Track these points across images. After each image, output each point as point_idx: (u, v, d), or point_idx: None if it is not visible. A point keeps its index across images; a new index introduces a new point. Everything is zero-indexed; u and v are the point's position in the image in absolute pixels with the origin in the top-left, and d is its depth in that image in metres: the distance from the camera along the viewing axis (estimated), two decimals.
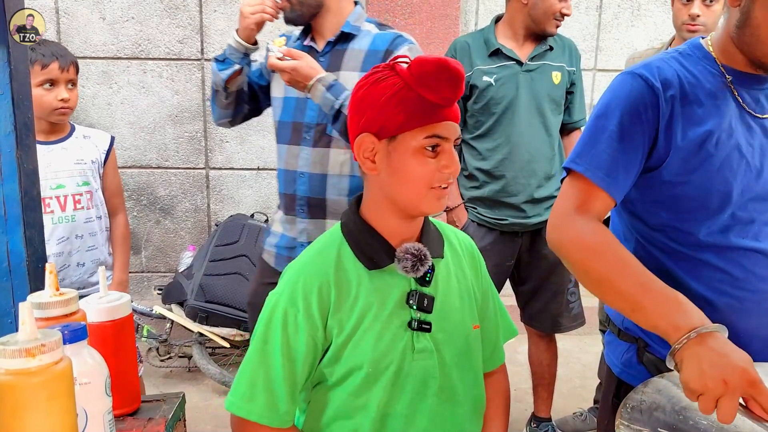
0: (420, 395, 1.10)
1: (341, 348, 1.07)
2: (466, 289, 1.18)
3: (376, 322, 1.06)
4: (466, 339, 1.15)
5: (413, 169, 1.03)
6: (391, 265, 1.08)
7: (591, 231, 1.09)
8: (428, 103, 1.01)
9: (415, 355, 1.09)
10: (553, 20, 2.19)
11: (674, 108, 1.12)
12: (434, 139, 1.02)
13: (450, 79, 1.00)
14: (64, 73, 1.93)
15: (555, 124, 2.27)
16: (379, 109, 1.03)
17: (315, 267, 1.08)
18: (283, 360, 1.04)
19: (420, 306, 1.08)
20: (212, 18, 3.46)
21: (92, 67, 3.44)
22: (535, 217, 2.26)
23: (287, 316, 1.05)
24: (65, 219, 2.00)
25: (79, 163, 2.05)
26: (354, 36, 1.80)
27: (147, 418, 1.08)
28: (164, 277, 3.62)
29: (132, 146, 3.53)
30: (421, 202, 1.05)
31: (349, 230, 1.11)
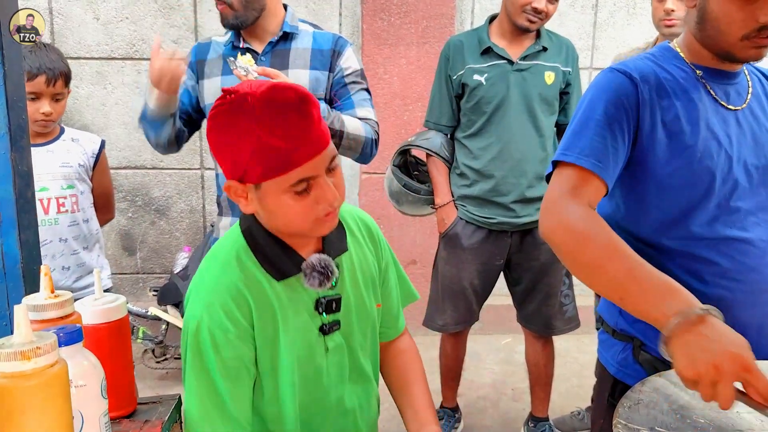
0: (339, 384, 1.15)
1: (267, 360, 1.06)
2: (369, 275, 1.18)
3: (295, 332, 1.07)
4: (370, 320, 1.19)
5: (288, 212, 0.99)
6: (298, 275, 1.07)
7: (581, 216, 1.09)
8: (283, 149, 0.94)
9: (329, 354, 1.12)
10: (523, 14, 2.16)
11: (653, 99, 1.15)
12: (302, 184, 0.97)
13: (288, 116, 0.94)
14: (50, 87, 1.91)
15: (547, 125, 2.27)
16: (233, 159, 0.98)
17: (224, 282, 1.04)
18: (224, 381, 1.03)
19: (328, 311, 1.10)
20: (206, 18, 3.45)
21: (86, 68, 3.43)
22: (525, 217, 2.26)
23: (214, 337, 1.02)
24: (48, 222, 1.98)
25: (64, 166, 2.03)
26: (294, 35, 1.82)
27: (143, 420, 1.08)
28: (159, 279, 3.60)
29: (126, 147, 3.52)
30: (309, 231, 1.04)
31: (253, 240, 1.07)
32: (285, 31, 1.81)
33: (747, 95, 1.22)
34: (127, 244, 3.63)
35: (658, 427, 0.93)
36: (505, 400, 2.95)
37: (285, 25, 1.82)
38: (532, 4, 2.13)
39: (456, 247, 2.34)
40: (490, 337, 3.55)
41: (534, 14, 2.15)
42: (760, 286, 1.15)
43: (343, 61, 1.85)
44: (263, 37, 1.81)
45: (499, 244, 2.32)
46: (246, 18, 1.75)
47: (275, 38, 1.80)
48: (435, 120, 2.37)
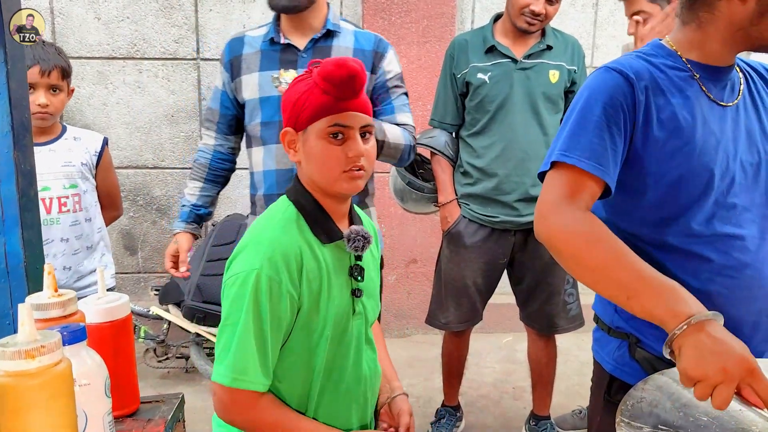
0: (358, 348, 1.26)
1: (309, 313, 1.16)
2: (373, 259, 1.36)
3: (333, 290, 1.20)
4: (376, 299, 1.36)
5: (321, 154, 1.17)
6: (337, 242, 1.21)
7: (581, 220, 1.09)
8: (331, 97, 1.15)
9: (355, 317, 1.25)
10: (522, 16, 2.17)
11: (648, 98, 1.15)
12: (336, 128, 1.16)
13: (345, 76, 1.13)
14: (44, 78, 1.91)
15: (552, 123, 2.27)
16: (293, 105, 1.19)
17: (287, 238, 1.17)
18: (272, 331, 1.12)
19: (358, 278, 1.25)
20: (208, 17, 3.45)
21: (87, 68, 3.43)
22: (528, 216, 2.26)
23: (271, 285, 1.11)
24: (50, 221, 1.97)
25: (66, 166, 2.03)
26: (336, 33, 1.80)
27: (146, 419, 1.08)
28: (161, 278, 3.61)
29: (128, 146, 3.52)
30: (335, 183, 1.18)
31: (303, 207, 1.22)
32: (328, 28, 1.78)
33: (739, 91, 1.22)
34: (128, 244, 3.63)
35: (661, 425, 0.93)
36: (506, 399, 2.95)
37: (328, 22, 1.79)
38: (530, 7, 2.14)
39: (459, 246, 2.34)
40: (491, 335, 3.55)
41: (533, 17, 2.16)
42: (754, 283, 1.16)
43: (386, 63, 1.85)
44: (305, 33, 1.79)
45: (503, 242, 2.32)
46: (301, 3, 1.74)
47: (318, 35, 1.77)
48: (439, 118, 2.38)
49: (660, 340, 1.08)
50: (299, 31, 1.79)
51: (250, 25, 3.46)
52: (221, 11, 3.45)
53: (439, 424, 2.60)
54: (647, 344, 1.20)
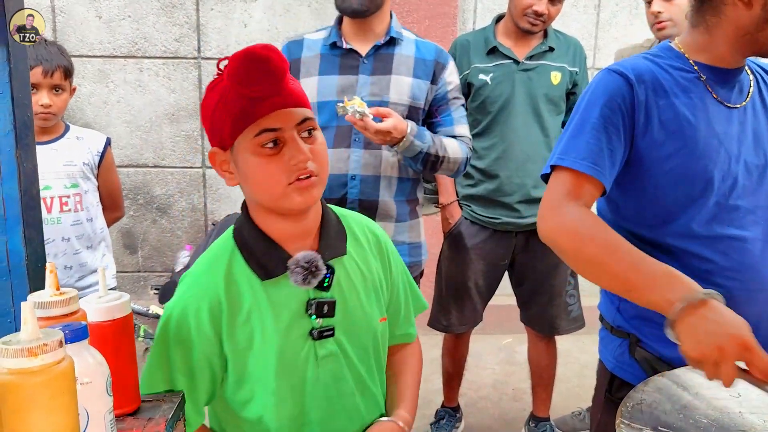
0: (334, 399, 1.09)
1: (241, 365, 1.05)
2: (371, 283, 1.14)
3: (274, 336, 1.03)
4: (372, 334, 1.13)
5: (257, 173, 0.97)
6: (286, 274, 1.04)
7: (579, 216, 1.12)
8: (247, 99, 0.94)
9: (320, 361, 1.07)
10: (525, 17, 2.17)
11: (649, 99, 1.16)
12: (265, 135, 0.95)
13: (260, 68, 0.93)
14: (47, 78, 1.90)
15: (553, 125, 2.27)
16: (210, 120, 0.99)
17: (204, 283, 1.05)
18: (180, 376, 1.04)
19: (320, 314, 1.05)
20: (209, 16, 3.45)
21: (88, 66, 3.42)
22: (530, 218, 2.26)
23: (180, 331, 1.03)
24: (51, 221, 1.97)
25: (68, 165, 2.02)
26: (399, 41, 1.78)
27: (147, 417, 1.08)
28: (161, 277, 3.61)
29: (128, 145, 3.52)
30: (282, 200, 0.99)
31: (242, 238, 1.06)
32: (392, 35, 1.77)
33: (748, 93, 1.22)
34: (128, 243, 3.63)
35: (661, 427, 0.93)
36: (506, 400, 2.95)
37: (392, 29, 1.78)
38: (533, 8, 2.14)
39: (460, 247, 2.34)
40: (491, 337, 3.55)
41: (535, 17, 2.16)
42: (757, 285, 1.16)
43: (447, 74, 1.83)
44: (368, 39, 1.77)
45: (504, 244, 2.32)
46: (370, 8, 1.71)
47: (381, 41, 1.76)
48: None
49: (659, 339, 1.11)
50: (362, 37, 1.78)
51: (252, 25, 3.49)
52: (222, 10, 3.45)
53: (438, 425, 2.60)
54: (647, 344, 1.22)
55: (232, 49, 3.47)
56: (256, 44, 0.95)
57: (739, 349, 0.92)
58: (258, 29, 3.48)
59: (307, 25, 3.40)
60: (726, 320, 0.94)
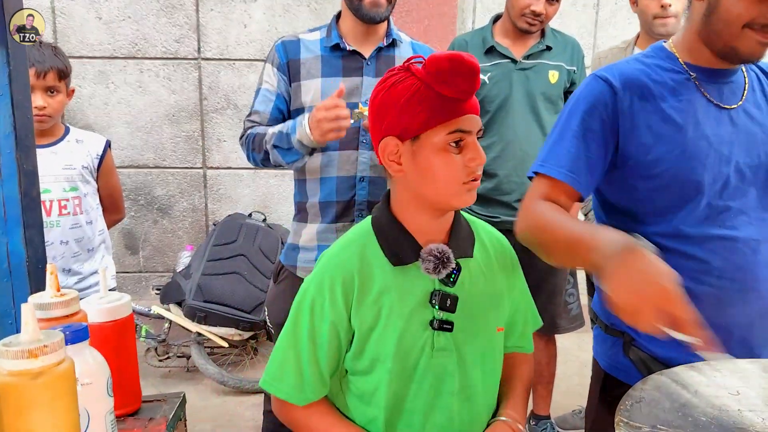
0: (437, 392, 1.11)
1: (363, 341, 1.10)
2: (493, 291, 1.17)
3: (397, 319, 1.08)
4: (489, 340, 1.16)
5: (441, 168, 1.04)
6: (416, 263, 1.09)
7: (539, 209, 1.15)
8: (447, 99, 1.01)
9: (435, 353, 1.10)
10: (523, 17, 2.17)
11: (634, 104, 1.16)
12: (457, 134, 1.02)
13: (465, 73, 1.00)
14: (40, 80, 1.89)
15: (551, 124, 2.23)
16: (399, 110, 1.03)
17: (341, 259, 1.11)
18: (309, 344, 1.09)
19: (442, 306, 1.09)
20: (209, 17, 3.45)
21: (89, 67, 3.43)
22: None
23: (314, 304, 1.09)
24: (50, 224, 1.96)
25: (67, 168, 2.01)
26: (399, 43, 1.79)
27: (148, 418, 1.08)
28: (162, 277, 3.61)
29: (129, 146, 3.52)
30: (453, 198, 1.06)
31: (379, 225, 1.12)
32: (393, 38, 1.77)
33: (743, 93, 1.21)
34: (129, 243, 3.64)
35: (659, 425, 0.93)
36: None
37: (392, 31, 1.78)
38: (531, 7, 2.14)
39: None
40: None
41: (533, 17, 2.16)
42: (749, 285, 1.16)
43: None
44: (371, 41, 1.76)
45: None
46: (387, 13, 1.71)
47: (383, 43, 1.75)
48: None
49: (653, 339, 1.09)
50: (364, 39, 1.76)
51: (251, 25, 3.49)
52: (222, 11, 3.45)
53: None
54: (640, 343, 1.22)
55: (232, 50, 3.48)
56: (461, 52, 1.02)
57: (660, 298, 0.89)
58: (258, 30, 3.48)
59: (307, 25, 3.40)
60: (652, 269, 0.92)
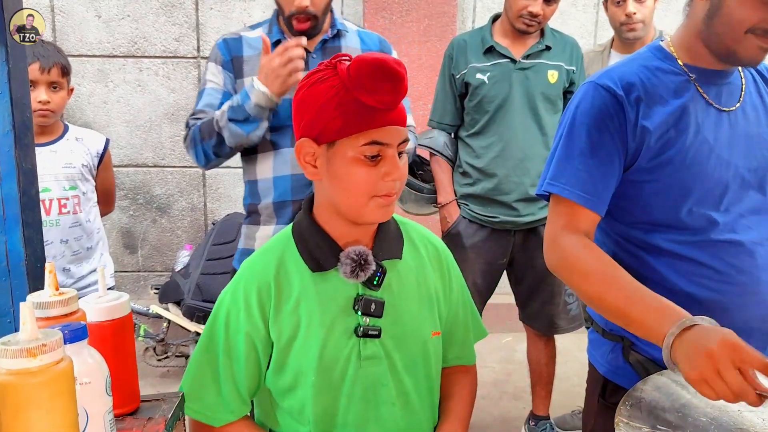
0: (371, 404, 1.07)
1: (284, 354, 1.05)
2: (426, 294, 1.12)
3: (318, 328, 1.03)
4: (422, 345, 1.11)
5: (352, 178, 0.98)
6: (337, 268, 1.05)
7: (577, 250, 1.12)
8: (366, 107, 0.95)
9: (362, 362, 1.05)
10: (520, 18, 2.17)
11: (639, 109, 1.14)
12: (374, 147, 0.97)
13: (388, 80, 0.94)
14: (44, 74, 1.89)
15: (551, 123, 2.26)
16: (316, 112, 0.98)
17: (257, 267, 1.07)
18: (225, 359, 1.05)
19: (366, 311, 1.04)
20: (208, 16, 3.44)
21: (88, 66, 3.42)
22: (527, 216, 2.26)
23: (229, 315, 1.05)
24: (49, 223, 1.96)
25: (67, 167, 2.01)
26: (344, 33, 1.76)
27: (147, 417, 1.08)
28: (161, 276, 3.60)
29: (128, 145, 3.51)
30: (363, 211, 1.01)
31: (299, 229, 1.08)
32: (339, 29, 1.73)
33: (740, 95, 1.19)
34: (128, 242, 3.63)
35: (659, 426, 0.93)
36: (506, 399, 2.96)
37: (336, 22, 1.73)
38: (528, 9, 2.14)
39: (459, 246, 2.33)
40: (490, 335, 3.50)
41: (531, 18, 2.16)
42: (750, 288, 1.15)
43: None
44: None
45: (502, 243, 2.31)
46: (318, 24, 1.66)
47: (328, 35, 1.71)
48: (438, 119, 2.38)
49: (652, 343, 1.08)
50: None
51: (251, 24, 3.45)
52: (222, 9, 3.44)
53: None
54: (640, 347, 1.20)
55: None
56: (385, 55, 0.96)
57: (728, 351, 0.88)
58: None
59: None
60: (711, 333, 0.92)
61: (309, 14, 1.61)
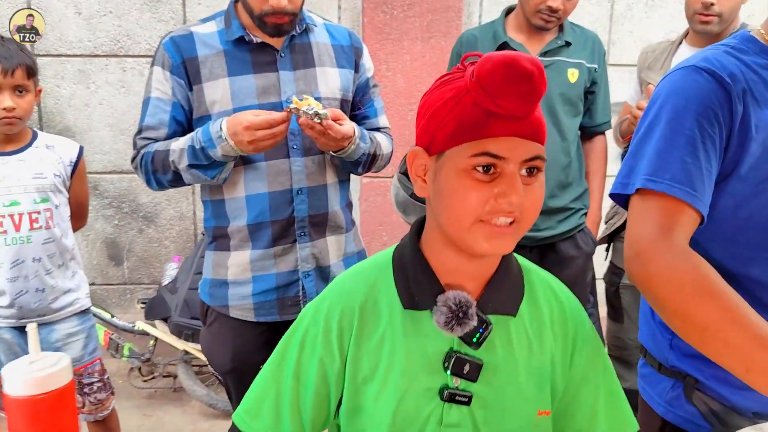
0: None
1: (356, 395, 0.90)
2: (538, 364, 0.93)
3: (399, 378, 0.88)
4: (524, 424, 0.91)
5: (455, 194, 0.82)
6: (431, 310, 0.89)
7: (688, 263, 0.91)
8: (485, 112, 0.79)
9: (442, 429, 0.88)
10: (537, 14, 1.98)
11: (747, 106, 0.96)
12: (484, 158, 0.80)
13: (514, 82, 0.77)
14: (7, 78, 1.74)
15: (571, 127, 2.07)
16: (430, 117, 0.85)
17: (347, 287, 0.94)
18: (293, 381, 0.92)
19: (458, 372, 0.87)
20: (196, 12, 3.26)
21: (68, 66, 3.24)
22: (546, 230, 2.06)
23: (307, 335, 0.93)
24: (20, 240, 1.82)
25: (38, 177, 1.86)
26: (311, 27, 1.58)
27: None
28: (148, 290, 3.44)
29: (112, 150, 3.33)
30: (466, 236, 0.83)
31: (400, 256, 0.93)
32: (307, 23, 1.56)
33: None
34: (113, 253, 3.45)
35: None
36: None
37: (304, 16, 1.56)
38: (546, 3, 1.95)
39: None
40: None
41: (549, 14, 1.96)
42: None
43: (365, 59, 1.66)
44: None
45: None
46: (297, 20, 1.52)
47: (296, 31, 1.54)
48: None
49: (723, 381, 0.99)
50: None
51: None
52: (210, 5, 3.26)
53: None
54: (708, 386, 1.06)
55: None
56: (519, 53, 0.80)
57: None
58: None
59: None
60: None
61: (287, 12, 1.45)
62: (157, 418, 2.79)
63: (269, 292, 1.57)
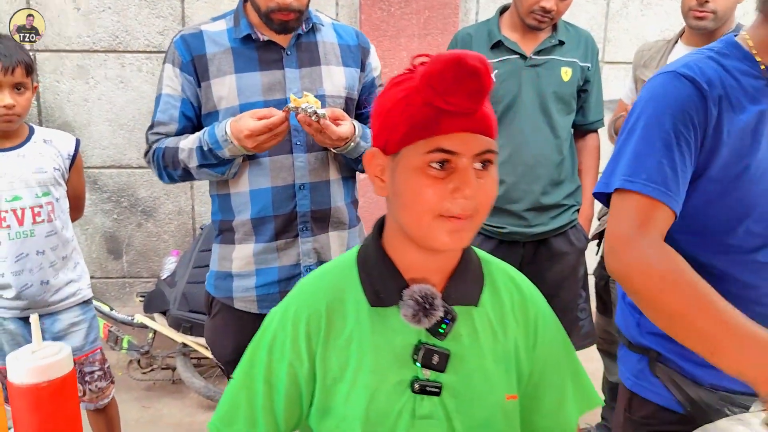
0: None
1: (328, 395, 0.92)
2: (503, 350, 0.95)
3: (369, 375, 0.90)
4: (493, 410, 0.94)
5: (412, 191, 0.84)
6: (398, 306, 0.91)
7: (660, 256, 0.99)
8: (435, 110, 0.82)
9: (416, 422, 0.90)
10: (531, 14, 1.99)
11: (721, 111, 1.02)
12: (438, 154, 0.82)
13: (462, 79, 0.80)
14: (7, 75, 1.77)
15: (564, 125, 2.09)
16: (384, 118, 0.87)
17: (312, 290, 0.96)
18: (265, 386, 0.94)
19: (427, 363, 0.89)
20: (195, 8, 3.28)
21: (67, 61, 3.26)
22: (538, 227, 2.09)
23: (275, 340, 0.94)
24: (23, 234, 1.85)
25: (39, 172, 1.89)
26: (319, 27, 1.61)
27: None
28: (147, 283, 3.47)
29: (111, 145, 3.36)
30: (426, 232, 0.85)
31: (364, 255, 0.95)
32: (314, 22, 1.58)
33: None
34: (112, 247, 3.48)
35: None
36: None
37: (311, 15, 1.58)
38: (540, 3, 1.96)
39: None
40: None
41: (543, 14, 1.98)
42: None
43: (372, 59, 1.68)
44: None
45: (511, 255, 2.13)
46: (303, 18, 1.53)
47: (303, 29, 1.56)
48: None
49: (681, 355, 1.05)
50: None
51: None
52: (209, 1, 3.28)
53: None
54: (668, 359, 1.13)
55: None
56: (467, 52, 0.82)
57: None
58: None
59: None
60: None
61: (292, 9, 1.47)
62: (155, 409, 2.83)
63: (272, 284, 1.60)
